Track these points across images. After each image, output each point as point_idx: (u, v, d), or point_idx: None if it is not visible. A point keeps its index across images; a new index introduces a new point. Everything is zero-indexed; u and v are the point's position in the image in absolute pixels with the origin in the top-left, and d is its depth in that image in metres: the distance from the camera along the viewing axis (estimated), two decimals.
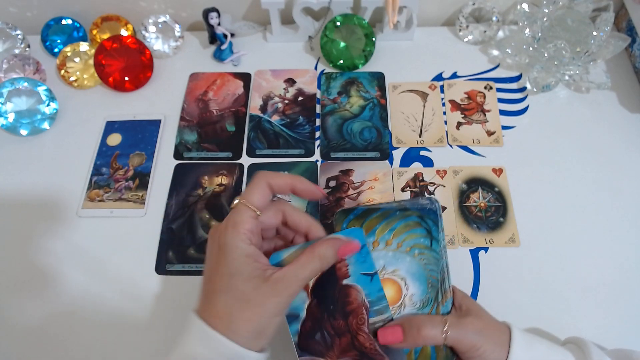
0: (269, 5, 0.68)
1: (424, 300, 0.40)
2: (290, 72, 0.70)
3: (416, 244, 0.41)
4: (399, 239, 0.41)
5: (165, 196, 0.60)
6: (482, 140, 0.63)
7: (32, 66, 0.69)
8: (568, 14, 0.65)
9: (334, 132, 0.64)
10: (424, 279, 0.40)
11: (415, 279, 0.40)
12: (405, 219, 0.41)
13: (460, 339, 0.38)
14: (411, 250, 0.40)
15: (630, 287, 0.52)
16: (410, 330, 0.38)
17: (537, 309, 0.51)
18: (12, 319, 0.52)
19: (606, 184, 0.59)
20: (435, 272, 0.41)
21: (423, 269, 0.40)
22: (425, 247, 0.41)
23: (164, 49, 0.72)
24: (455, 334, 0.38)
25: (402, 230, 0.41)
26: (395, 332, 0.38)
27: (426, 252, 0.41)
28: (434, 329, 0.38)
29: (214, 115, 0.67)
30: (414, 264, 0.40)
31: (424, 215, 0.41)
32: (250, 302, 0.34)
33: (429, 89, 0.68)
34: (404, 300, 0.40)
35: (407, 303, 0.40)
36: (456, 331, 0.38)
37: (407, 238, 0.41)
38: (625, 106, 0.66)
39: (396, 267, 0.40)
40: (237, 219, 0.36)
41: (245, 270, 0.35)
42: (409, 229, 0.41)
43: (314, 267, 0.37)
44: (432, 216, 0.41)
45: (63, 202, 0.60)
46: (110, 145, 0.64)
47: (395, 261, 0.40)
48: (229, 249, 0.35)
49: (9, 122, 0.64)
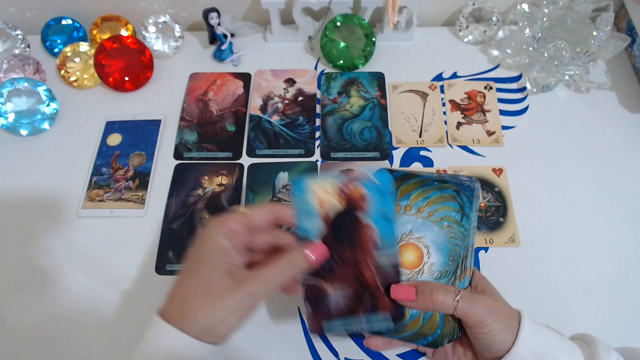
0: (269, 5, 0.68)
1: (442, 271, 0.41)
2: (290, 72, 0.70)
3: (447, 216, 0.41)
4: (431, 208, 0.41)
5: (165, 196, 0.60)
6: (482, 140, 0.63)
7: (32, 66, 0.69)
8: (568, 14, 0.65)
9: (334, 132, 0.64)
10: (447, 251, 0.41)
11: (439, 249, 0.41)
12: (442, 191, 0.42)
13: (469, 313, 0.38)
14: (441, 221, 0.41)
15: (630, 287, 0.52)
16: (423, 291, 0.39)
17: (537, 309, 0.50)
18: (12, 319, 0.52)
19: (606, 183, 0.59)
20: (459, 248, 0.41)
21: (448, 241, 0.41)
22: (455, 221, 0.41)
23: (164, 49, 0.72)
24: (465, 307, 0.38)
25: (436, 200, 0.42)
26: (408, 290, 0.39)
27: (455, 227, 0.41)
28: (447, 296, 0.38)
29: (214, 115, 0.67)
30: (440, 234, 0.41)
31: (461, 190, 0.41)
32: (209, 290, 0.34)
33: (429, 89, 0.68)
34: (422, 267, 0.41)
35: (425, 270, 0.41)
36: (467, 304, 0.38)
37: (440, 209, 0.41)
38: (625, 106, 0.66)
39: (422, 234, 0.41)
40: (225, 217, 0.38)
41: (214, 260, 0.35)
42: (443, 201, 0.42)
43: (284, 272, 0.37)
44: (468, 193, 0.42)
45: (63, 202, 0.60)
46: (110, 145, 0.64)
47: (423, 228, 0.41)
48: (205, 237, 0.37)
49: (9, 122, 0.64)
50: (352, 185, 0.40)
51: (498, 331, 0.38)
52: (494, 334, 0.38)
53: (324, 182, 0.40)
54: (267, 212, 0.39)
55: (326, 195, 0.40)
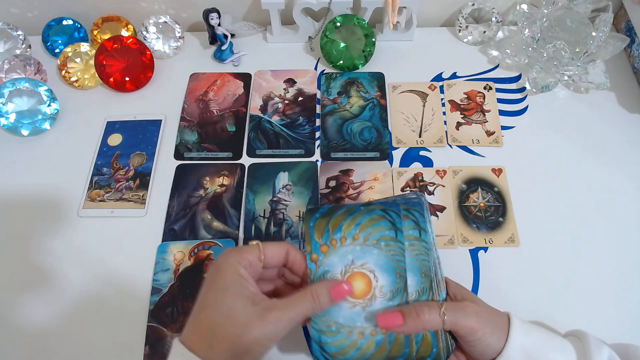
0: (269, 6, 0.68)
1: (393, 291, 0.41)
2: (290, 72, 0.71)
3: (382, 236, 0.41)
4: (365, 233, 0.41)
5: (165, 196, 0.60)
6: (482, 140, 0.63)
7: (33, 67, 0.69)
8: (567, 15, 0.65)
9: (334, 132, 0.64)
10: (392, 270, 0.41)
11: (384, 270, 0.41)
12: (369, 213, 0.42)
13: (458, 322, 0.38)
14: (378, 242, 0.41)
15: (630, 287, 0.52)
16: (409, 314, 0.39)
17: (536, 309, 0.51)
18: (12, 319, 0.52)
19: (605, 183, 0.59)
20: (427, 262, 0.41)
21: (391, 260, 0.41)
22: (390, 238, 0.41)
23: (164, 49, 0.72)
24: (453, 317, 0.38)
25: (367, 224, 0.42)
26: (395, 316, 0.39)
27: (392, 244, 0.41)
28: (432, 313, 0.38)
29: (214, 115, 0.67)
30: (381, 256, 0.41)
31: (410, 207, 0.42)
32: (234, 319, 0.34)
33: (429, 89, 0.68)
34: (374, 292, 0.41)
35: (377, 294, 0.41)
36: (454, 314, 0.38)
37: (373, 231, 0.41)
38: (624, 106, 0.66)
39: (364, 260, 0.41)
40: (242, 248, 0.39)
41: (236, 288, 0.36)
42: (374, 222, 0.42)
43: (307, 306, 0.37)
44: (417, 207, 0.42)
45: (64, 202, 0.60)
46: (111, 145, 0.64)
47: (363, 254, 0.41)
48: (225, 267, 0.37)
49: (10, 122, 0.64)
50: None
51: (490, 334, 0.38)
52: (486, 337, 0.38)
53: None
54: (280, 249, 0.40)
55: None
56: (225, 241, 0.56)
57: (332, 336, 0.40)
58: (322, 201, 0.58)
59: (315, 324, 0.40)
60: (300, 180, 0.60)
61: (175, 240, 0.56)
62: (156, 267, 0.54)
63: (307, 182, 0.60)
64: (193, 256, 0.55)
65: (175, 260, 0.54)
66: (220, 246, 0.55)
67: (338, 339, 0.40)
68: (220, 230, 0.57)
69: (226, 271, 0.37)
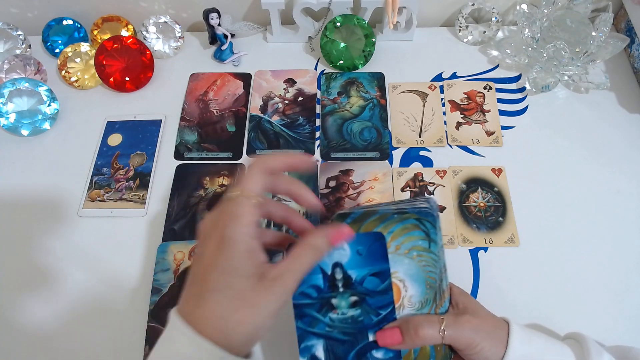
0: (269, 6, 0.68)
1: (422, 301, 0.40)
2: (290, 72, 0.71)
3: (414, 246, 0.41)
4: (397, 242, 0.40)
5: (165, 196, 0.60)
6: (482, 140, 0.63)
7: (33, 67, 0.69)
8: (567, 15, 0.65)
9: (334, 132, 0.64)
10: (423, 280, 0.40)
11: (414, 280, 0.40)
12: (403, 222, 0.41)
13: (457, 337, 0.38)
14: (409, 252, 0.40)
15: (630, 287, 0.52)
16: (408, 331, 0.38)
17: (536, 309, 0.51)
18: (12, 319, 0.52)
19: (605, 183, 0.59)
20: (433, 274, 0.41)
21: (422, 270, 0.40)
22: (423, 249, 0.41)
23: (164, 49, 0.72)
24: (452, 333, 0.38)
25: (400, 233, 0.41)
26: (393, 334, 0.39)
27: (424, 254, 0.41)
28: (431, 329, 0.38)
29: (214, 115, 0.67)
30: (412, 266, 0.40)
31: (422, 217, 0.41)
32: (246, 302, 0.32)
33: (429, 89, 0.68)
34: (402, 301, 0.40)
35: (406, 304, 0.40)
36: (453, 330, 0.38)
37: (405, 241, 0.41)
38: (624, 106, 0.66)
39: (395, 269, 0.40)
40: (238, 211, 0.34)
41: (246, 268, 0.33)
42: (407, 232, 0.41)
43: (309, 258, 0.35)
44: (429, 218, 0.41)
45: (64, 202, 0.60)
46: (111, 145, 0.64)
47: (393, 263, 0.40)
48: (232, 243, 0.33)
49: (10, 122, 0.64)
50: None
51: (488, 348, 0.38)
52: (484, 351, 0.38)
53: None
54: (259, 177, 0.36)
55: None
56: None
57: None
58: (322, 201, 0.58)
59: None
60: (300, 180, 0.60)
61: (175, 240, 0.56)
62: (156, 267, 0.54)
63: (307, 182, 0.60)
64: (193, 256, 0.55)
65: (176, 260, 0.54)
66: None
67: None
68: None
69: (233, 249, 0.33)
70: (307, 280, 0.39)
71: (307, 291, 0.39)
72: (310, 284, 0.39)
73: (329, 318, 0.39)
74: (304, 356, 0.39)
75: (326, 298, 0.39)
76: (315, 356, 0.39)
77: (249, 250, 0.33)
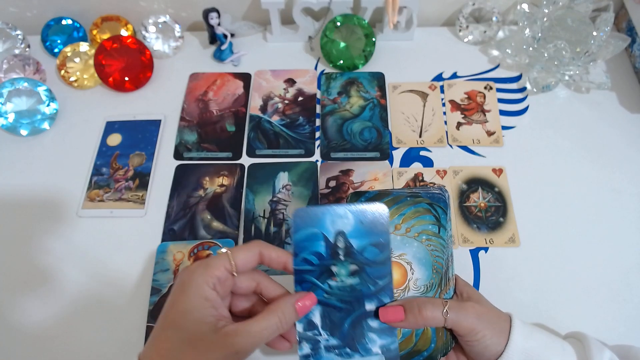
0: (269, 5, 0.68)
1: (427, 285, 0.41)
2: (290, 72, 0.70)
3: (424, 230, 0.41)
4: (408, 224, 0.41)
5: (165, 196, 0.60)
6: (482, 140, 0.63)
7: (32, 66, 0.69)
8: (568, 14, 0.65)
9: (334, 132, 0.64)
10: (430, 264, 0.41)
11: (422, 264, 0.41)
12: (416, 205, 0.41)
13: (459, 322, 0.38)
14: (419, 236, 0.41)
15: (630, 287, 0.52)
16: (411, 309, 0.38)
17: (537, 309, 0.51)
18: (12, 319, 0.52)
19: (606, 183, 0.59)
20: (440, 259, 0.41)
21: (430, 255, 0.41)
22: (433, 233, 0.41)
23: (164, 49, 0.72)
24: (455, 317, 0.38)
25: (411, 215, 0.41)
26: (397, 311, 0.39)
27: (433, 239, 0.41)
28: (435, 310, 0.38)
29: (214, 115, 0.67)
30: (421, 249, 0.41)
31: (434, 202, 0.41)
32: (196, 347, 0.33)
33: (429, 89, 0.68)
34: (408, 284, 0.40)
35: (411, 287, 0.40)
36: (456, 313, 0.38)
37: (416, 224, 0.41)
38: (625, 106, 0.66)
39: (403, 251, 0.41)
40: (210, 263, 0.36)
41: (200, 312, 0.34)
42: (418, 215, 0.41)
43: (272, 323, 0.36)
44: (441, 204, 0.41)
45: (63, 202, 0.60)
46: (110, 146, 0.64)
47: (402, 245, 0.41)
48: (191, 287, 0.35)
49: (9, 122, 0.64)
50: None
51: (490, 336, 0.38)
52: (486, 339, 0.38)
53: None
54: (251, 254, 0.38)
55: None
56: (225, 241, 0.56)
57: None
58: (322, 201, 0.58)
59: None
60: (300, 181, 0.60)
61: (174, 241, 0.56)
62: (156, 267, 0.54)
63: (307, 182, 0.60)
64: (193, 256, 0.54)
65: (175, 261, 0.54)
66: (220, 246, 0.55)
67: None
68: (219, 230, 0.57)
69: (190, 292, 0.35)
70: (309, 247, 0.39)
71: (309, 257, 0.39)
72: (313, 251, 0.39)
73: (328, 285, 0.40)
74: (301, 321, 0.40)
75: (326, 265, 0.39)
76: (311, 321, 0.40)
77: (208, 298, 0.35)
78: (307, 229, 0.39)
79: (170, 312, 0.35)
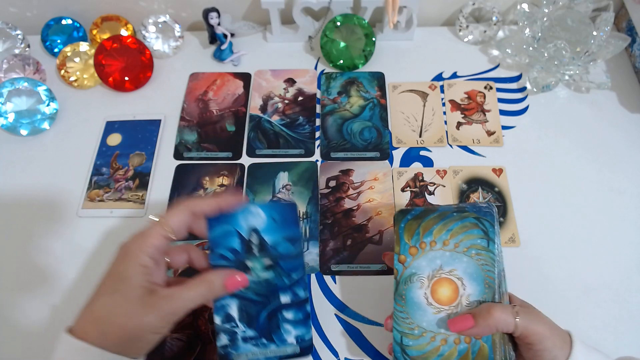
0: (269, 5, 0.68)
1: (480, 301, 0.40)
2: (290, 72, 0.70)
3: (473, 244, 0.41)
4: (455, 240, 0.41)
5: (165, 196, 0.60)
6: (482, 140, 0.63)
7: (32, 66, 0.69)
8: (568, 14, 0.65)
9: (334, 132, 0.64)
10: (481, 279, 0.40)
11: (473, 279, 0.40)
12: (463, 220, 0.41)
13: (530, 326, 0.37)
14: (468, 250, 0.41)
15: (630, 287, 0.52)
16: (480, 313, 0.38)
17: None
18: (12, 319, 0.52)
19: (606, 183, 0.59)
20: (492, 273, 0.40)
21: (480, 269, 0.40)
22: (482, 247, 0.41)
23: (164, 48, 0.72)
24: (526, 321, 0.37)
25: (459, 230, 0.41)
26: (465, 319, 0.38)
27: (483, 253, 0.41)
28: (505, 312, 0.37)
29: (214, 115, 0.67)
30: (471, 264, 0.40)
31: (481, 216, 0.41)
32: (129, 310, 0.35)
33: (429, 89, 0.68)
34: (460, 300, 0.40)
35: (463, 303, 0.40)
36: (527, 318, 0.37)
37: (464, 239, 0.41)
38: (625, 106, 0.66)
39: (453, 267, 0.40)
40: (145, 232, 0.38)
41: (136, 278, 0.36)
42: (466, 230, 0.41)
43: (201, 291, 0.38)
44: (488, 217, 0.41)
45: (63, 202, 0.60)
46: (110, 145, 0.64)
47: (452, 261, 0.40)
48: (127, 254, 0.37)
49: (9, 122, 0.64)
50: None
51: (560, 346, 0.37)
52: (556, 349, 0.37)
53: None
54: (182, 214, 0.39)
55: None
56: None
57: (414, 339, 0.40)
58: (322, 201, 0.58)
59: (398, 325, 0.40)
60: (300, 180, 0.60)
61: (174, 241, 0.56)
62: None
63: (307, 182, 0.60)
64: None
65: None
66: None
67: (420, 343, 0.40)
68: None
69: (127, 261, 0.37)
70: (224, 243, 0.42)
71: (225, 253, 0.42)
72: (228, 247, 0.42)
73: None
74: (219, 314, 0.41)
75: (242, 261, 0.42)
76: (229, 314, 0.42)
77: (143, 265, 0.37)
78: (221, 226, 0.42)
79: (107, 280, 0.37)
